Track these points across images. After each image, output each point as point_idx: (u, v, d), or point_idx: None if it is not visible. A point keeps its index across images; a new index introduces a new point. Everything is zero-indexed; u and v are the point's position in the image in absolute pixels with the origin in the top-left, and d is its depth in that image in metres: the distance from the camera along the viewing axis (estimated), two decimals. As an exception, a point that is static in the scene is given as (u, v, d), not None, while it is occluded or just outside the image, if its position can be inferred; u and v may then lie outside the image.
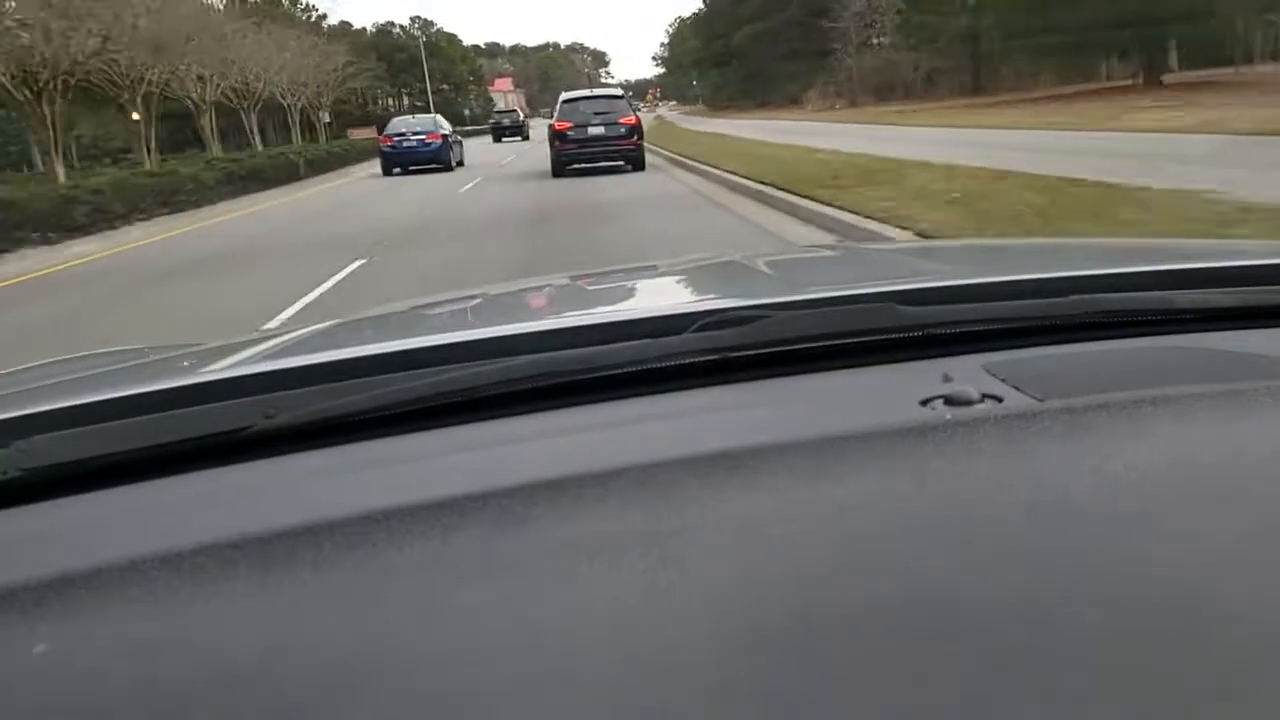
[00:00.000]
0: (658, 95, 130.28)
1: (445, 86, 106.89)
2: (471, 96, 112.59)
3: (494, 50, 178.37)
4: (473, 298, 1.32)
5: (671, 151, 18.31)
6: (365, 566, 0.43)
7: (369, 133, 71.54)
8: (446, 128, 21.90)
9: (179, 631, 0.40)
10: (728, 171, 12.60)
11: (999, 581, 0.38)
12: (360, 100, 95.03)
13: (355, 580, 0.42)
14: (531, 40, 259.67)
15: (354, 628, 0.39)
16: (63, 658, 0.38)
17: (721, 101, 66.12)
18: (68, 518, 0.59)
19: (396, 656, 0.36)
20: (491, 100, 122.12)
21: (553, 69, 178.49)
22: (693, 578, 0.40)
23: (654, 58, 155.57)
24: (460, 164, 21.63)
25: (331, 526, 0.47)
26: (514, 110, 48.13)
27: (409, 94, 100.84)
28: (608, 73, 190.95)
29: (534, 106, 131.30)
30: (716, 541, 0.43)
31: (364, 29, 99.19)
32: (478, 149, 28.50)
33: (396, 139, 20.97)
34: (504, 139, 39.14)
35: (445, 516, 0.47)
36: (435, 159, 20.42)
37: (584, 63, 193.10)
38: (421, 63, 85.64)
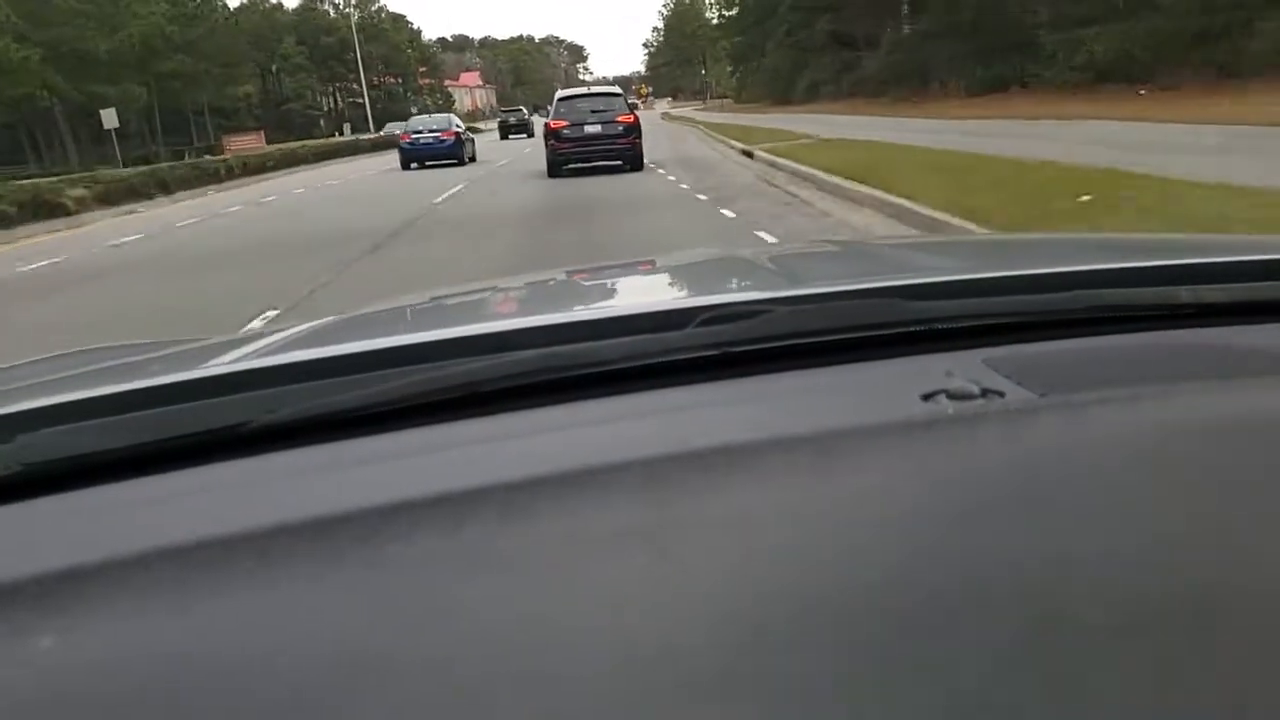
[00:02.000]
0: (650, 92, 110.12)
1: (390, 79, 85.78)
2: (424, 93, 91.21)
3: (461, 43, 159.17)
4: (474, 292, 1.36)
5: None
6: (368, 561, 0.44)
7: (253, 142, 50.58)
8: (460, 126, 23.65)
9: (182, 626, 0.40)
10: None
11: (1000, 577, 0.38)
12: (272, 96, 73.43)
13: (358, 575, 0.42)
14: (502, 33, 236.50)
15: (358, 622, 0.39)
16: (68, 651, 0.38)
17: (801, 92, 40.16)
18: (71, 513, 0.59)
19: (400, 650, 0.36)
20: (450, 96, 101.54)
21: (526, 64, 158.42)
22: (694, 573, 0.40)
23: (645, 45, 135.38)
24: (473, 159, 22.45)
25: (334, 521, 0.47)
26: (519, 109, 50.42)
27: (340, 88, 79.55)
28: (585, 69, 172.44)
29: (505, 105, 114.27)
30: (718, 537, 0.43)
31: (280, 3, 77.54)
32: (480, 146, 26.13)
33: (414, 136, 22.23)
34: (510, 136, 39.65)
35: (447, 511, 0.48)
36: (450, 154, 21.63)
37: (560, 57, 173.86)
38: (355, 47, 64.48)
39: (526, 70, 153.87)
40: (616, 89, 17.20)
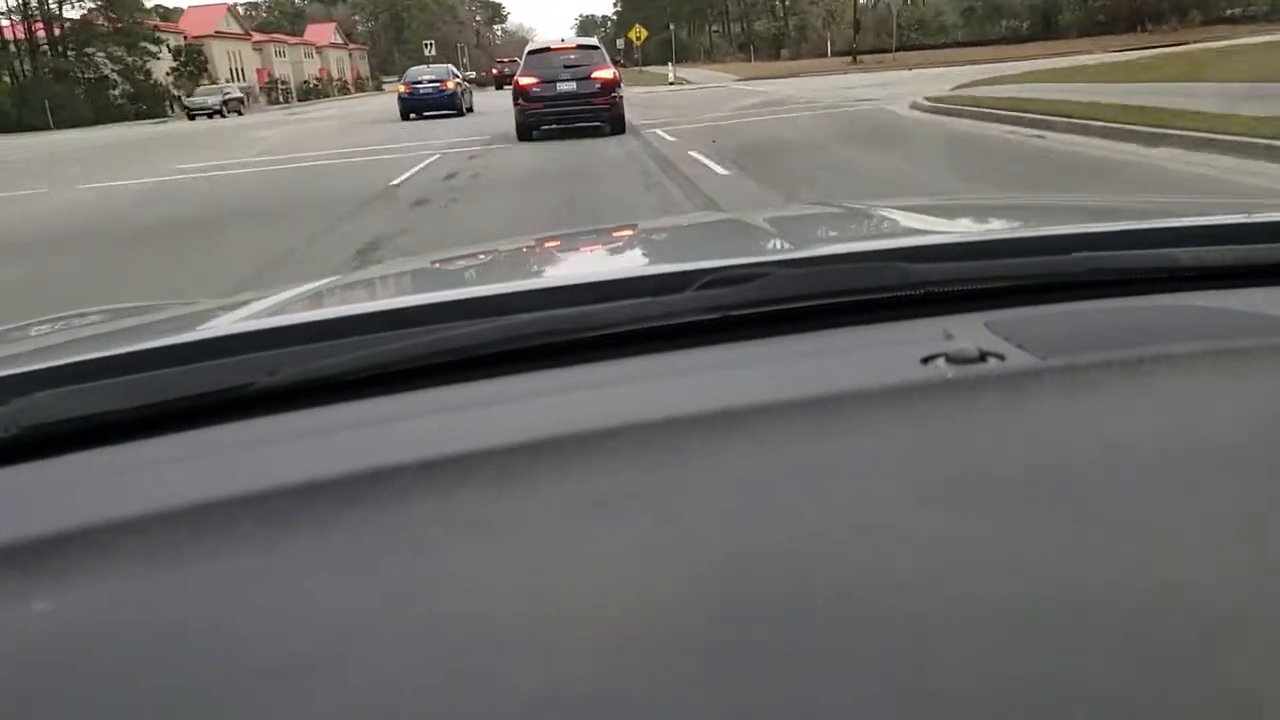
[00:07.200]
0: (644, 38, 58.79)
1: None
2: (109, 41, 38.77)
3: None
4: (474, 255, 1.35)
5: None
6: (366, 524, 0.43)
7: None
8: (458, 76, 24.47)
9: (179, 588, 0.39)
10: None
11: (999, 540, 0.38)
12: None
13: (356, 538, 0.42)
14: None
15: (355, 585, 0.38)
16: (63, 614, 0.38)
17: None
18: (68, 475, 0.59)
19: (397, 614, 0.36)
20: (200, 54, 53.72)
21: (419, 17, 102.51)
22: (692, 536, 0.40)
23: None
24: (470, 110, 23.35)
25: (332, 484, 0.47)
26: (515, 60, 45.04)
27: None
28: (504, 30, 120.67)
29: (388, 74, 67.20)
30: (717, 500, 0.43)
31: None
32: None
33: (414, 86, 22.64)
34: (504, 86, 40.29)
35: (446, 474, 0.47)
36: (449, 105, 22.30)
37: (470, 14, 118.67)
38: None
39: (420, 26, 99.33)
40: (594, 41, 15.52)
